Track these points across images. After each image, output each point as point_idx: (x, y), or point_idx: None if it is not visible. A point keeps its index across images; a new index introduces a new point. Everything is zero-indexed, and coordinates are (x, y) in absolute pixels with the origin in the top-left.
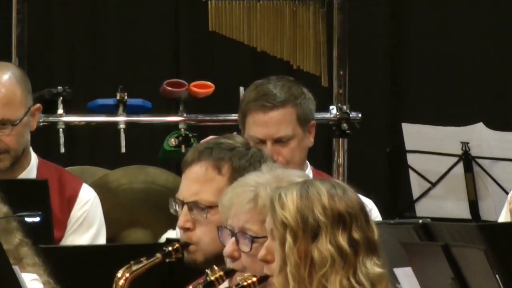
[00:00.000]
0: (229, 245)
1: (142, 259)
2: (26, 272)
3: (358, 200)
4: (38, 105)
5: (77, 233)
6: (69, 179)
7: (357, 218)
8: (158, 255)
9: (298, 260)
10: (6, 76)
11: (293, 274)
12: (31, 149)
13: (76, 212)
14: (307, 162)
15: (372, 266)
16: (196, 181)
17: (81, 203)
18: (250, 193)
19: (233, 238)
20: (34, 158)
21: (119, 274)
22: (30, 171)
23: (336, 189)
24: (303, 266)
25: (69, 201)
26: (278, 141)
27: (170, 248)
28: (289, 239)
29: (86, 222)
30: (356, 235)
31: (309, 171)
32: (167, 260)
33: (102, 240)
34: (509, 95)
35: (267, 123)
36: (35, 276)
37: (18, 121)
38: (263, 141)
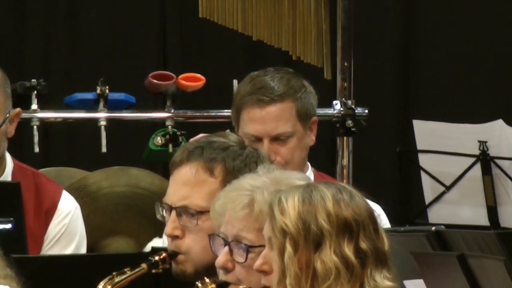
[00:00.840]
0: (222, 255)
1: (125, 269)
2: (2, 286)
3: (367, 206)
4: (18, 109)
5: (55, 250)
6: (47, 187)
7: (365, 226)
8: (143, 265)
9: (298, 271)
10: None
11: (293, 287)
12: (7, 154)
13: (55, 226)
14: (308, 163)
15: (382, 280)
16: (186, 184)
17: (61, 216)
18: (245, 197)
19: (227, 248)
20: (9, 163)
21: (100, 287)
22: (5, 177)
23: (342, 194)
24: (304, 278)
25: (47, 214)
26: (276, 139)
27: (156, 258)
28: (289, 248)
29: (66, 238)
30: (363, 245)
31: (310, 172)
32: (153, 271)
33: (83, 251)
34: None
35: (264, 119)
36: None
37: None
38: (259, 139)
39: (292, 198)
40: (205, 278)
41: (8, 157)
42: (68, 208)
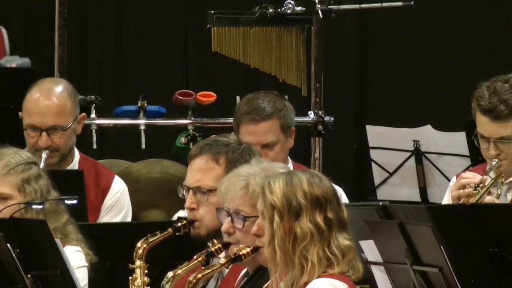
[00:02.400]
0: (226, 223)
1: (157, 233)
2: (71, 245)
3: (332, 187)
4: (84, 114)
5: (108, 217)
6: (103, 172)
7: (331, 201)
8: (170, 229)
9: (284, 235)
10: (59, 90)
11: (280, 246)
12: (75, 148)
13: (108, 200)
14: (289, 157)
15: (343, 240)
16: (199, 171)
17: (113, 192)
18: (242, 181)
19: (229, 218)
20: (77, 155)
21: (138, 245)
22: (73, 166)
23: (314, 178)
24: (288, 240)
25: (103, 191)
26: (266, 146)
27: (179, 224)
28: (276, 218)
29: (117, 208)
30: (330, 215)
31: (290, 164)
32: (177, 234)
33: (128, 219)
34: (454, 102)
35: (257, 132)
36: (78, 248)
37: (67, 127)
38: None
39: (278, 181)
40: (214, 239)
41: (76, 151)
42: (118, 187)
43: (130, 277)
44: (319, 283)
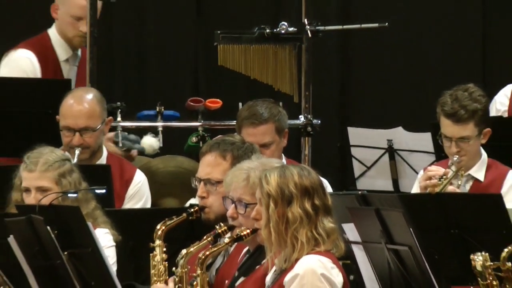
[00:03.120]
0: (230, 209)
1: (173, 217)
2: (100, 228)
3: (319, 178)
4: (110, 117)
5: (131, 203)
6: (127, 166)
7: (318, 190)
8: (184, 214)
9: (278, 219)
10: (89, 97)
11: (275, 228)
12: (103, 146)
13: (131, 189)
14: (282, 154)
15: (328, 223)
16: (209, 165)
17: (135, 183)
18: (244, 174)
19: (233, 205)
20: (105, 151)
21: (158, 227)
22: (102, 161)
23: (303, 171)
24: (281, 223)
25: (127, 182)
26: (263, 145)
27: (192, 210)
28: (272, 205)
29: (138, 196)
30: (317, 202)
31: (284, 160)
32: (190, 218)
33: (148, 206)
34: (421, 108)
35: (255, 134)
36: (106, 230)
37: (96, 129)
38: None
39: (273, 174)
40: (221, 223)
41: (104, 148)
42: (139, 179)
43: (151, 254)
44: (308, 259)
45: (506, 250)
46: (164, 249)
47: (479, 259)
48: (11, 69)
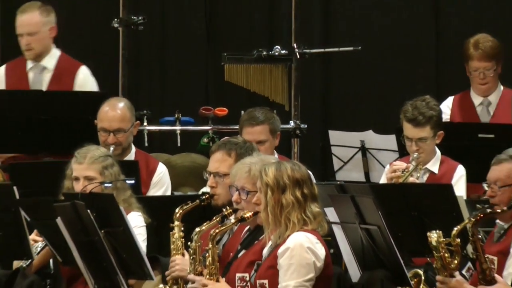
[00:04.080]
0: (235, 196)
1: (188, 202)
2: (134, 211)
3: (307, 171)
4: (138, 122)
5: (155, 189)
6: (152, 161)
7: (306, 181)
8: (197, 201)
9: (274, 204)
10: (121, 105)
11: (271, 211)
12: (132, 145)
13: (155, 178)
14: (275, 151)
15: (314, 207)
16: (217, 161)
17: (157, 173)
18: (247, 168)
19: (237, 192)
20: (133, 149)
21: (176, 210)
22: (131, 157)
23: (295, 166)
24: (277, 207)
25: (151, 173)
26: (259, 142)
27: (204, 197)
28: (269, 192)
29: (160, 184)
30: (305, 191)
31: (276, 156)
32: (202, 203)
33: (168, 193)
34: (387, 115)
35: (253, 133)
36: (139, 213)
37: (127, 130)
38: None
39: (270, 168)
40: (227, 207)
41: (133, 146)
42: (161, 169)
43: (170, 232)
44: (297, 235)
45: (455, 229)
46: (182, 228)
47: (434, 236)
48: None
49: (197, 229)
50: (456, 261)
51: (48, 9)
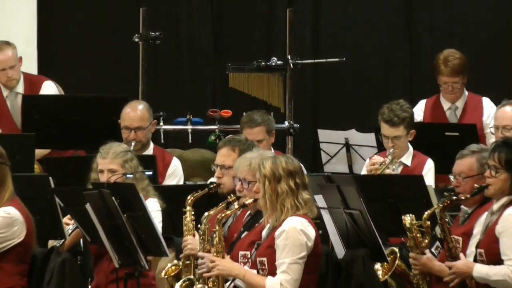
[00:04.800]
0: (238, 185)
1: (199, 190)
2: (151, 198)
3: (299, 164)
4: (155, 121)
5: (169, 180)
6: (166, 155)
7: (298, 173)
8: (206, 189)
9: (271, 192)
10: (141, 107)
11: (269, 198)
12: (150, 141)
13: (170, 170)
14: (271, 147)
15: (305, 195)
16: (223, 155)
17: (172, 165)
18: (248, 161)
19: (240, 182)
20: (151, 145)
21: (188, 197)
22: (149, 151)
23: (289, 159)
24: (273, 195)
25: (166, 166)
26: (257, 141)
27: (211, 186)
28: (266, 183)
29: (174, 175)
30: (298, 180)
31: (272, 151)
32: (210, 192)
33: (181, 183)
34: (367, 117)
35: (252, 134)
36: (155, 199)
37: (146, 128)
38: None
39: (268, 161)
40: (232, 194)
41: (151, 143)
42: (175, 163)
43: (183, 216)
44: (291, 219)
45: (426, 213)
46: (192, 213)
47: (408, 219)
48: None
49: (206, 214)
50: (426, 241)
51: (13, 44)
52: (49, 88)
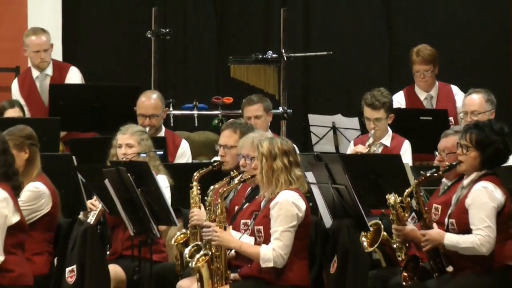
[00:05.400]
0: (242, 161)
1: (204, 168)
2: (161, 174)
3: (292, 145)
4: (167, 108)
5: (179, 160)
6: (176, 137)
7: (291, 152)
8: (210, 166)
9: (267, 168)
10: (154, 96)
11: (265, 174)
12: (162, 125)
13: (180, 150)
14: (269, 129)
15: (297, 171)
16: (226, 137)
17: (182, 147)
18: (250, 140)
19: (244, 158)
20: (163, 128)
21: (195, 174)
22: (161, 134)
23: (283, 140)
24: (269, 171)
25: (177, 146)
26: (256, 117)
27: (215, 164)
28: (264, 160)
29: (183, 155)
30: (291, 159)
31: (270, 133)
32: (214, 168)
33: (189, 162)
34: (352, 103)
35: (251, 110)
36: (165, 176)
37: (159, 115)
38: (250, 118)
39: (265, 141)
40: (234, 170)
41: (163, 126)
42: (184, 144)
43: (190, 190)
44: (285, 193)
45: (407, 190)
46: (198, 187)
47: (392, 198)
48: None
49: (212, 187)
50: (407, 215)
51: (47, 31)
52: (74, 72)
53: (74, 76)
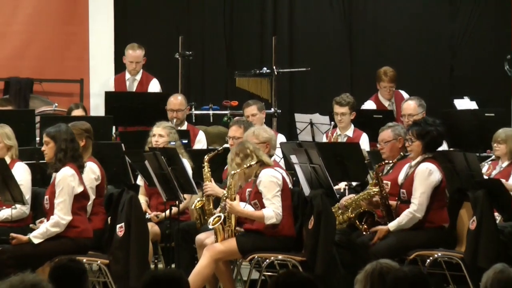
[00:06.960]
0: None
1: (212, 152)
2: (184, 158)
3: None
4: (189, 107)
5: (197, 145)
6: (195, 130)
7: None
8: (216, 151)
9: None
10: (180, 97)
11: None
12: (185, 120)
13: (197, 138)
14: (264, 125)
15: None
16: (234, 130)
17: (199, 137)
18: (252, 131)
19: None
20: (186, 123)
21: (205, 157)
22: (184, 127)
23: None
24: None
25: (195, 136)
26: (253, 115)
27: (219, 149)
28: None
29: (200, 142)
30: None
31: (264, 126)
32: (218, 153)
33: (205, 148)
34: (326, 105)
35: (249, 111)
36: (187, 160)
37: (183, 110)
38: (249, 116)
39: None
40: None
41: (185, 122)
42: (201, 135)
43: (203, 169)
44: (264, 171)
45: (374, 181)
46: (209, 166)
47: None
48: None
49: (206, 157)
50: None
51: (142, 47)
52: (154, 83)
53: (154, 85)
